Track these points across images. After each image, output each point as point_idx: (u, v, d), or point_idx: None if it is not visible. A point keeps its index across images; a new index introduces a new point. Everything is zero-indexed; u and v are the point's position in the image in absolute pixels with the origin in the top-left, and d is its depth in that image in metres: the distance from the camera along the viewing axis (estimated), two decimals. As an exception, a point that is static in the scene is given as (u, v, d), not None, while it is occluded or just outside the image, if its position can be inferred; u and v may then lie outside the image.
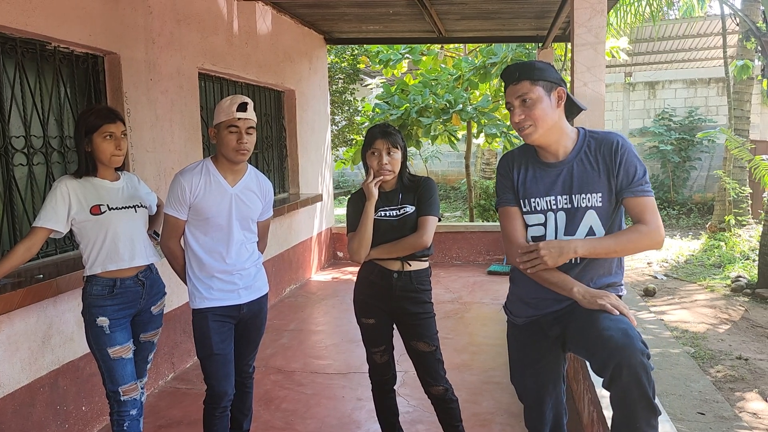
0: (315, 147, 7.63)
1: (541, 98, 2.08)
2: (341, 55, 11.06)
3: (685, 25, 12.21)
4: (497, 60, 8.60)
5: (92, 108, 2.75)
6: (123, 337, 2.69)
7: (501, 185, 2.27)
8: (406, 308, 2.78)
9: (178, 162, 4.38)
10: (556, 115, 2.12)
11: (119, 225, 2.69)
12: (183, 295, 4.30)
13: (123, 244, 2.69)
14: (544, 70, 2.11)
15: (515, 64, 2.17)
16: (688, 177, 13.96)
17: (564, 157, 2.15)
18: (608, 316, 1.94)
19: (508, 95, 2.14)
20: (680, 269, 8.73)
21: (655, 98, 14.61)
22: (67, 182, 2.64)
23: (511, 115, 2.14)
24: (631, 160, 2.09)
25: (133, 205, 2.76)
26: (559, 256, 2.03)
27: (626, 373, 1.79)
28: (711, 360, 5.27)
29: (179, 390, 4.14)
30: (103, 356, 2.67)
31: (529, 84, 2.08)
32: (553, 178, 2.15)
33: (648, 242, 2.06)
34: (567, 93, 2.15)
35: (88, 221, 2.64)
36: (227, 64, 5.21)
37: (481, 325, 5.47)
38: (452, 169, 16.78)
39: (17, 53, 3.23)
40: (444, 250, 7.98)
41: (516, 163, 2.24)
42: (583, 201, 2.11)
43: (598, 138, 2.15)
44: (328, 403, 3.88)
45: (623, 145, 2.11)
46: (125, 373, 2.69)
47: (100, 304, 2.65)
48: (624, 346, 1.82)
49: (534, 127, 2.10)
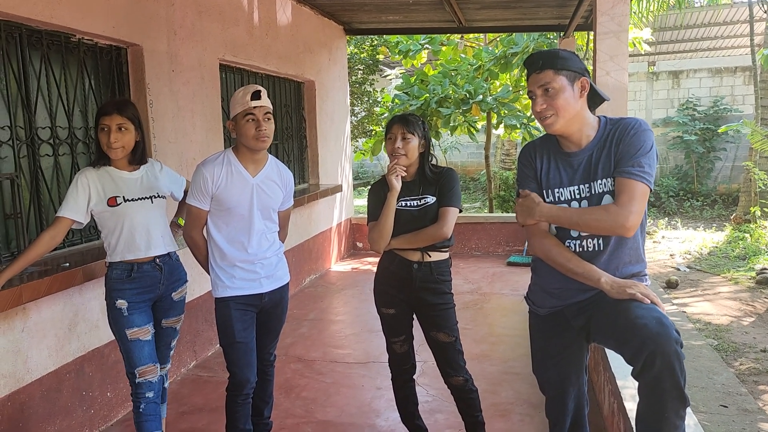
0: (335, 138, 7.65)
1: (564, 88, 2.05)
2: (361, 46, 11.04)
3: (710, 12, 11.97)
4: (518, 50, 8.52)
5: (106, 101, 2.82)
6: (141, 320, 2.76)
7: (523, 175, 2.25)
8: (426, 299, 2.78)
9: (199, 153, 4.42)
10: (578, 105, 2.09)
11: (135, 216, 2.75)
12: (205, 285, 4.36)
13: (139, 235, 2.75)
14: (567, 59, 2.08)
15: (538, 52, 2.14)
16: (713, 168, 13.74)
17: (585, 145, 2.13)
18: (639, 305, 1.92)
19: (530, 84, 2.12)
20: (703, 261, 8.61)
21: (679, 88, 14.38)
22: (87, 174, 2.71)
23: (532, 104, 2.12)
24: (638, 140, 2.03)
25: (149, 196, 2.81)
26: (527, 216, 2.14)
27: (659, 362, 1.78)
28: (734, 353, 5.20)
29: (201, 378, 4.20)
30: (122, 337, 2.74)
31: (552, 73, 2.06)
32: (575, 167, 2.14)
33: (611, 224, 1.98)
34: (590, 83, 2.13)
35: (106, 212, 2.71)
36: (248, 55, 5.23)
37: (501, 315, 5.46)
38: (472, 160, 16.70)
39: (43, 45, 3.27)
40: (463, 241, 7.97)
41: (538, 153, 2.23)
42: (600, 186, 2.09)
43: (618, 123, 2.12)
44: (347, 391, 3.91)
45: (637, 126, 2.06)
46: (142, 354, 2.75)
47: (119, 288, 2.73)
48: (658, 335, 1.80)
49: (555, 117, 2.07)
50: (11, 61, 3.12)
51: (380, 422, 3.51)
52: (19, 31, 3.12)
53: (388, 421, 3.50)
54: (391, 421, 3.47)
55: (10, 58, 3.11)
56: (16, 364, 2.90)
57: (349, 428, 3.44)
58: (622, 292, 1.97)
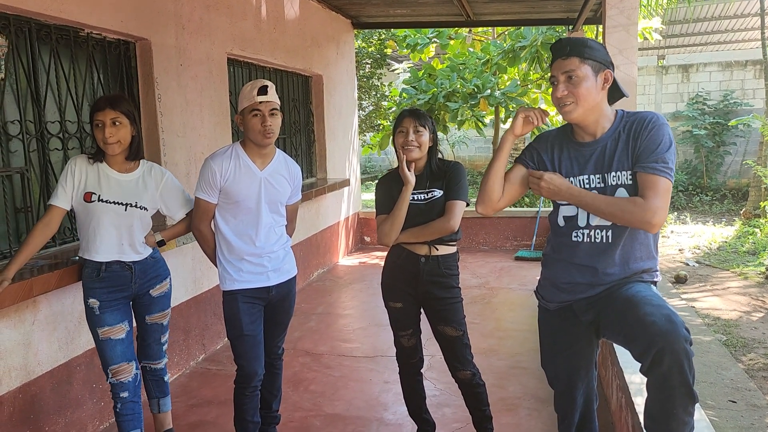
0: (342, 132, 7.64)
1: (588, 77, 2.05)
2: (368, 40, 11.02)
3: (721, 5, 11.86)
4: (526, 44, 8.47)
5: (100, 97, 2.80)
6: (113, 319, 2.73)
7: (527, 154, 2.27)
8: (434, 293, 2.78)
9: (207, 146, 4.43)
10: (599, 97, 2.09)
11: (102, 218, 2.69)
12: (213, 278, 4.38)
13: (100, 238, 2.69)
14: (595, 50, 2.07)
15: (567, 38, 2.13)
16: (722, 162, 13.63)
17: (600, 136, 2.13)
18: (650, 302, 1.92)
19: (554, 68, 2.10)
20: (713, 256, 8.56)
21: (688, 82, 14.26)
22: (78, 161, 2.69)
23: (553, 89, 2.11)
24: (658, 135, 2.02)
25: (125, 203, 2.72)
26: (555, 194, 2.13)
27: (668, 359, 1.77)
28: (743, 348, 5.18)
29: (210, 371, 4.23)
30: (94, 336, 2.74)
31: (578, 61, 2.05)
32: (587, 157, 2.14)
33: (638, 218, 1.97)
34: (614, 77, 2.11)
35: (79, 205, 2.70)
36: (255, 49, 5.24)
37: (508, 310, 5.45)
38: (479, 154, 16.64)
39: (52, 40, 3.29)
40: (471, 236, 7.96)
41: (551, 143, 2.23)
42: (614, 179, 2.08)
43: (634, 116, 2.12)
44: (355, 385, 3.93)
45: (655, 120, 2.06)
46: (114, 353, 2.73)
47: (90, 286, 2.73)
48: (667, 332, 1.79)
49: (575, 105, 2.07)
50: (21, 56, 3.13)
51: (388, 416, 3.52)
52: (29, 26, 3.14)
53: (395, 414, 3.51)
54: (398, 414, 3.48)
55: (20, 52, 3.12)
56: (27, 356, 2.92)
57: (356, 422, 3.45)
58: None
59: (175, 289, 4.05)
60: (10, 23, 3.02)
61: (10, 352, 2.83)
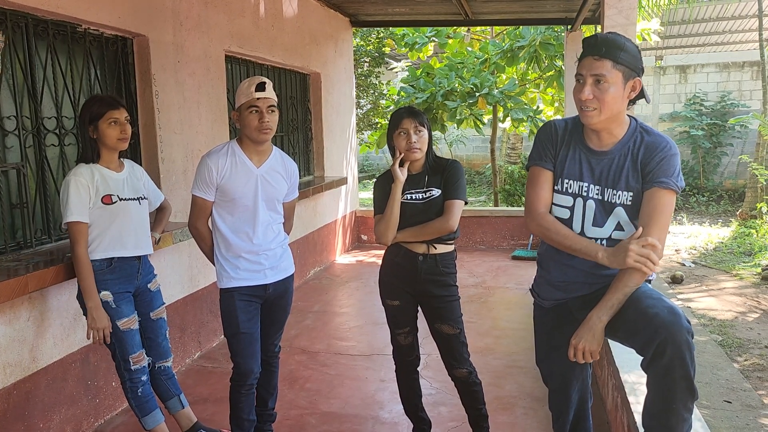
0: (340, 130, 7.64)
1: (617, 84, 1.95)
2: (367, 39, 11.00)
3: (719, 7, 11.88)
4: (524, 43, 8.48)
5: (95, 97, 2.84)
6: (128, 310, 2.82)
7: (541, 146, 2.16)
8: (431, 291, 2.78)
9: (205, 144, 4.42)
10: (623, 106, 2.00)
11: (127, 216, 2.80)
12: (209, 276, 4.37)
13: (127, 234, 2.80)
14: (631, 54, 1.96)
15: (604, 36, 1.98)
16: (719, 163, 13.68)
17: (609, 146, 2.07)
18: (650, 296, 1.92)
19: (583, 66, 1.98)
20: (709, 257, 8.58)
21: (686, 82, 14.30)
22: (83, 173, 2.71)
23: (577, 86, 2.01)
24: (674, 161, 1.99)
25: (137, 197, 2.87)
26: (594, 332, 2.01)
27: (671, 351, 1.77)
28: (739, 348, 5.19)
29: (206, 368, 4.22)
30: (114, 329, 2.76)
31: (610, 65, 1.94)
32: (593, 166, 2.09)
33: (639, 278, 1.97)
34: (642, 85, 2.03)
35: (98, 210, 2.73)
36: (253, 46, 5.22)
37: (505, 309, 5.46)
38: (477, 153, 16.66)
39: (49, 35, 3.27)
40: (468, 235, 7.96)
41: (561, 135, 2.15)
42: (614, 197, 2.05)
43: (648, 137, 2.04)
44: (351, 383, 3.92)
45: (668, 150, 2.00)
46: (134, 342, 2.82)
47: (101, 279, 2.75)
48: (670, 324, 1.79)
49: (598, 112, 1.98)
50: (17, 51, 3.11)
51: (384, 414, 3.52)
52: (25, 21, 3.12)
53: (391, 413, 3.51)
54: (394, 413, 3.48)
55: (17, 48, 3.11)
56: (21, 353, 2.91)
57: (352, 420, 3.45)
58: (621, 261, 1.91)
59: (172, 286, 4.06)
60: (6, 18, 3.01)
61: (5, 348, 2.82)
